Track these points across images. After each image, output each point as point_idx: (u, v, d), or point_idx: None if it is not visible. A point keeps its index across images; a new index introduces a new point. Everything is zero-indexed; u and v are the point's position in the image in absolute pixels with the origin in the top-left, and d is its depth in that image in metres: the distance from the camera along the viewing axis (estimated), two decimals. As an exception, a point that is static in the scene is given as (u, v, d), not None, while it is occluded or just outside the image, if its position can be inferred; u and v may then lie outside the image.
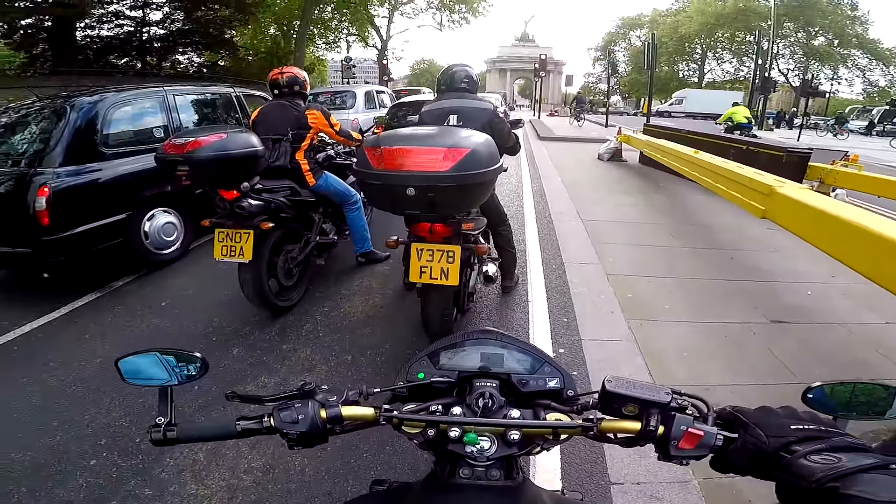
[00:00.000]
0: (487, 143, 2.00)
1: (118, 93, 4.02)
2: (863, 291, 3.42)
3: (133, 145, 3.93)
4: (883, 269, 2.18)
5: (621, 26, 53.18)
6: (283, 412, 0.65)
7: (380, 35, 30.19)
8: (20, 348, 2.93)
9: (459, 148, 1.88)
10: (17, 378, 2.60)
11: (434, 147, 1.90)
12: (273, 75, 3.38)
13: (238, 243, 2.72)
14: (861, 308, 3.37)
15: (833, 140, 19.66)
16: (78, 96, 3.83)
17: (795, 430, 0.55)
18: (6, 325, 3.17)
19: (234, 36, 23.04)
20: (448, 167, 1.85)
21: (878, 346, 2.90)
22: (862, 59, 40.26)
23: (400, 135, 2.07)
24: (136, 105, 4.13)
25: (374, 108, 10.06)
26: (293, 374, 2.56)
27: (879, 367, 2.68)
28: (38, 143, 3.60)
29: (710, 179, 4.85)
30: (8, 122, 3.95)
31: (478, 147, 1.93)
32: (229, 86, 5.62)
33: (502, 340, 0.74)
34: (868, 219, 2.45)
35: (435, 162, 1.85)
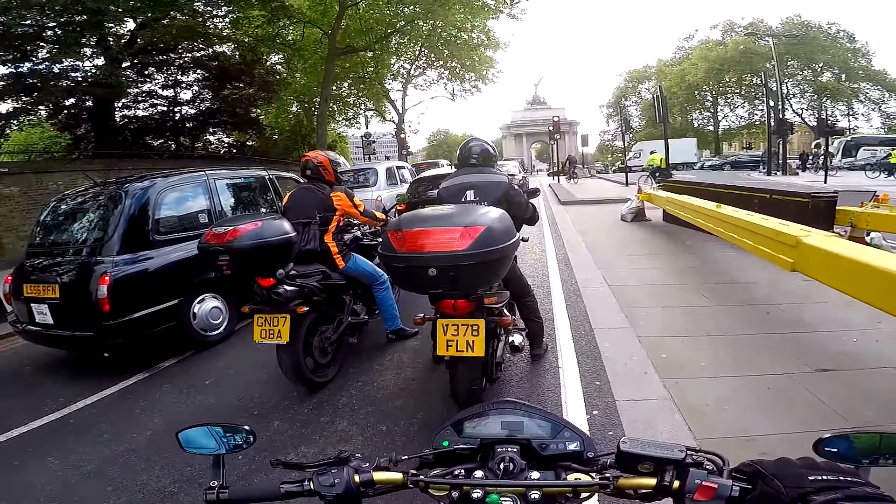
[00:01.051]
0: (503, 219, 2.10)
1: (165, 178, 4.30)
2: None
3: (180, 231, 4.20)
4: None
5: (629, 80, 54.06)
6: (321, 476, 0.73)
7: (396, 109, 31.31)
8: (76, 422, 3.16)
9: (476, 226, 1.97)
10: (73, 447, 2.79)
11: (452, 227, 1.98)
12: (303, 159, 3.62)
13: (276, 326, 2.87)
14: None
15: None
16: (130, 182, 4.12)
17: (813, 481, 0.55)
18: (62, 400, 3.44)
19: (260, 115, 24.44)
20: (466, 245, 1.93)
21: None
22: (874, 92, 39.90)
23: (420, 216, 2.18)
24: (181, 190, 4.38)
25: (395, 185, 10.17)
26: (330, 445, 2.62)
27: None
28: (97, 231, 3.91)
29: (735, 234, 4.72)
30: (67, 210, 4.27)
31: (493, 224, 2.02)
32: (264, 168, 5.96)
33: (523, 409, 0.80)
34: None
35: (453, 242, 1.94)
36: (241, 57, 20.54)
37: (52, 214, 4.34)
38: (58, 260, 3.90)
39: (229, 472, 0.82)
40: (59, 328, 3.74)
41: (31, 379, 4.02)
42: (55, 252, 4.00)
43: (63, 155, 15.31)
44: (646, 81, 52.48)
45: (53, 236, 4.19)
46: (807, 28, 39.76)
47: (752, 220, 4.34)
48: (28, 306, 3.86)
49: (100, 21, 13.44)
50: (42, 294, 3.77)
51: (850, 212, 5.72)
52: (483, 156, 3.14)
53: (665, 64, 50.33)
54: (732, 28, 43.90)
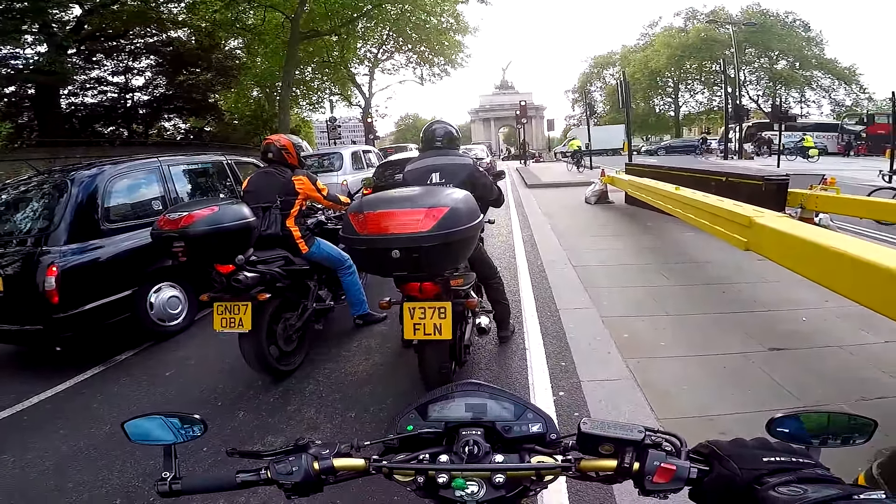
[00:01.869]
0: (467, 200, 2.09)
1: (115, 165, 4.10)
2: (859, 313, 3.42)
3: (133, 219, 4.01)
4: (872, 294, 2.18)
5: (594, 66, 54.49)
6: (278, 465, 0.71)
7: (362, 93, 30.81)
8: (29, 418, 3.01)
9: (439, 207, 1.95)
10: (28, 444, 2.67)
11: (415, 208, 1.96)
12: (264, 142, 3.54)
13: (237, 315, 2.78)
14: (859, 329, 3.41)
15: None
16: (76, 170, 3.91)
17: (767, 463, 0.56)
18: (14, 397, 3.27)
19: (219, 100, 23.60)
20: (430, 226, 1.91)
21: (881, 364, 2.92)
22: (825, 80, 41.44)
23: (382, 198, 2.13)
24: (133, 177, 4.19)
25: (361, 169, 10.09)
26: (298, 434, 2.58)
27: (885, 385, 2.71)
28: (42, 221, 3.69)
29: (693, 215, 4.93)
30: (9, 199, 4.03)
31: (457, 204, 2.00)
32: (221, 154, 5.74)
33: (486, 391, 0.79)
34: (849, 244, 2.48)
35: (416, 223, 1.92)
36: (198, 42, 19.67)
37: (-9, 206, 4.07)
38: (0, 251, 3.67)
39: (193, 466, 0.79)
40: (5, 322, 3.54)
41: (-23, 376, 3.78)
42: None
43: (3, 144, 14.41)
44: (610, 67, 53.09)
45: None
46: (765, 17, 40.76)
47: (708, 202, 4.52)
48: (-30, 299, 3.61)
49: (42, 8, 12.74)
50: (-15, 287, 3.53)
51: (800, 194, 6.05)
52: (447, 138, 3.13)
53: (629, 50, 50.77)
54: (695, 15, 44.65)
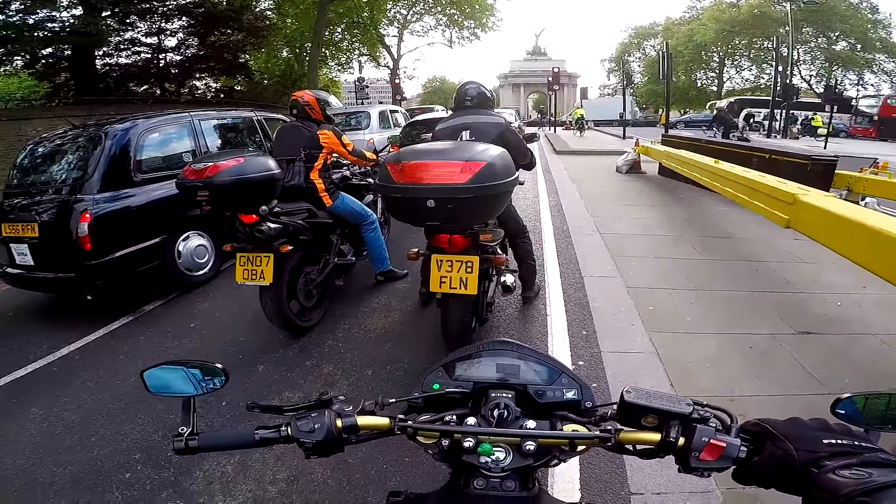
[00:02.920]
0: (503, 156, 2.10)
1: (147, 120, 4.20)
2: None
3: (164, 170, 4.09)
4: None
5: (634, 36, 52.38)
6: (300, 422, 0.67)
7: (391, 54, 30.53)
8: (59, 370, 3.10)
9: (476, 161, 1.98)
10: (56, 397, 2.74)
11: (452, 161, 1.99)
12: (291, 98, 3.54)
13: (259, 267, 2.79)
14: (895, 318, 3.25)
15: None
16: (110, 124, 4.00)
17: (827, 445, 0.53)
18: (46, 347, 3.36)
19: (249, 60, 23.67)
20: (466, 179, 1.94)
21: (914, 355, 2.77)
22: (888, 64, 39.13)
23: (419, 150, 2.17)
24: (164, 131, 4.30)
25: (388, 128, 10.15)
26: (316, 389, 2.61)
27: None
28: (76, 171, 3.78)
29: (732, 189, 4.74)
30: (45, 152, 4.15)
31: (494, 160, 2.02)
32: (251, 110, 5.80)
33: (519, 351, 0.74)
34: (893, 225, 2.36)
35: (453, 175, 1.95)
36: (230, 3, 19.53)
37: (29, 157, 4.19)
38: (37, 199, 3.77)
39: (213, 420, 0.76)
40: (40, 270, 3.65)
41: (14, 325, 3.92)
42: (33, 192, 3.87)
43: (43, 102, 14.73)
44: (651, 39, 50.82)
45: (32, 177, 4.05)
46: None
47: (749, 177, 4.34)
48: (7, 247, 3.75)
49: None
50: (21, 233, 3.66)
51: (848, 176, 5.79)
52: (479, 98, 3.09)
53: (673, 22, 48.43)
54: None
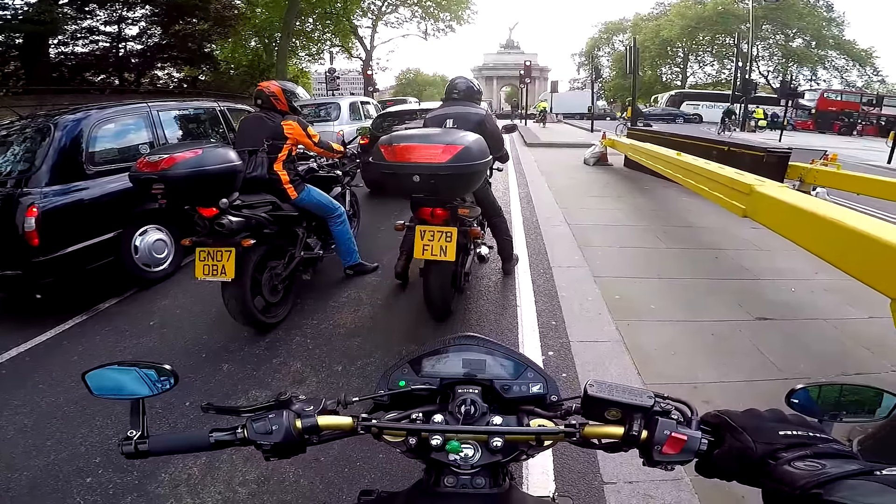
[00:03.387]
0: (479, 142, 2.55)
1: (101, 110, 3.99)
2: (845, 287, 3.46)
3: (119, 162, 3.90)
4: (863, 266, 2.21)
5: (604, 31, 53.59)
6: (256, 423, 0.64)
7: (364, 46, 30.17)
8: (8, 372, 2.92)
9: (455, 145, 2.43)
10: (8, 400, 2.59)
11: (435, 144, 2.45)
12: (258, 87, 3.45)
13: (220, 262, 2.70)
14: (844, 303, 3.43)
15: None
16: (61, 115, 3.79)
17: (784, 437, 0.54)
18: None
19: (214, 50, 22.92)
20: (446, 159, 2.39)
21: (863, 340, 2.94)
22: (839, 60, 41.05)
23: (408, 134, 2.64)
24: (119, 122, 4.09)
25: (359, 119, 9.96)
26: (284, 387, 2.56)
27: (865, 362, 2.73)
28: (23, 164, 3.57)
29: (693, 181, 4.93)
30: (-11, 145, 3.90)
31: (470, 144, 2.47)
32: (214, 100, 5.59)
33: (485, 346, 0.74)
34: (846, 215, 2.48)
35: (436, 155, 2.40)
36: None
37: (-29, 151, 3.92)
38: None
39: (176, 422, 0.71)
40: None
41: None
42: (-24, 187, 3.62)
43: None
44: (620, 34, 52.10)
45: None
46: (789, -7, 39.75)
47: (709, 168, 4.53)
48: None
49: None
50: (-37, 230, 3.43)
51: (800, 168, 6.14)
52: (466, 92, 3.54)
53: (641, 18, 49.92)
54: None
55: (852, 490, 0.42)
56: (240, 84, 22.26)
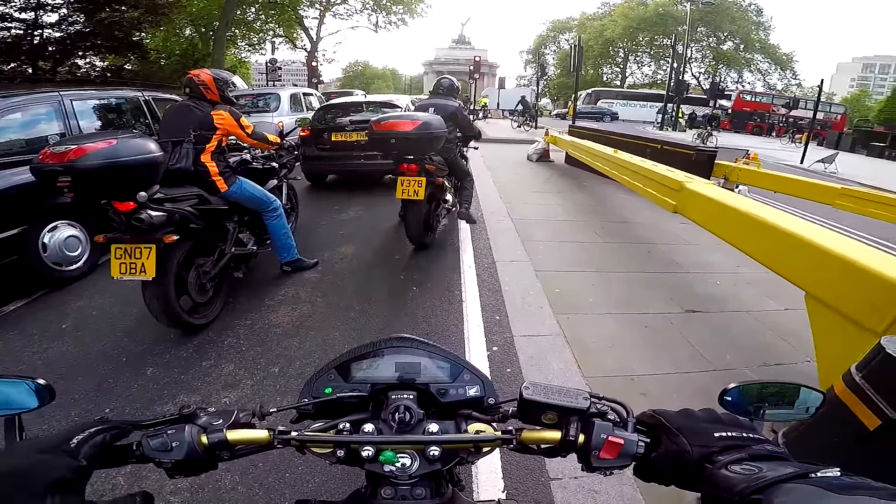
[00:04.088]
0: (437, 120, 3.87)
1: (4, 98, 3.63)
2: (764, 280, 3.71)
3: (25, 154, 3.51)
4: (781, 260, 2.33)
5: (552, 29, 54.84)
6: (153, 440, 0.58)
7: (309, 37, 29.29)
8: None
9: (418, 120, 3.77)
10: None
11: (406, 120, 3.80)
12: (187, 75, 3.25)
13: (139, 259, 2.50)
14: (763, 295, 3.68)
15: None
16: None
17: (718, 439, 0.54)
18: None
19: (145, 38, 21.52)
20: (411, 128, 3.69)
21: (781, 331, 3.16)
22: (763, 63, 44.30)
23: (392, 114, 4.46)
24: (26, 112, 3.75)
25: (300, 111, 9.65)
26: (215, 392, 2.41)
27: (783, 352, 2.92)
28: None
29: (628, 177, 5.13)
30: None
31: (429, 120, 3.81)
32: (138, 89, 5.22)
33: (420, 347, 0.70)
34: (766, 212, 2.62)
35: (405, 126, 3.71)
36: (126, -22, 17.39)
37: None
38: None
39: None
40: None
41: None
42: None
43: None
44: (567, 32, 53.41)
45: None
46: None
47: (644, 166, 4.70)
48: None
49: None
50: None
51: (725, 166, 6.57)
52: (448, 89, 4.87)
53: (587, 17, 51.48)
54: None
55: (790, 494, 0.42)
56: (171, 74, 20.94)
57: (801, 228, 2.28)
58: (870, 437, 1.14)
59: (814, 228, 2.28)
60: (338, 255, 4.32)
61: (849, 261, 1.85)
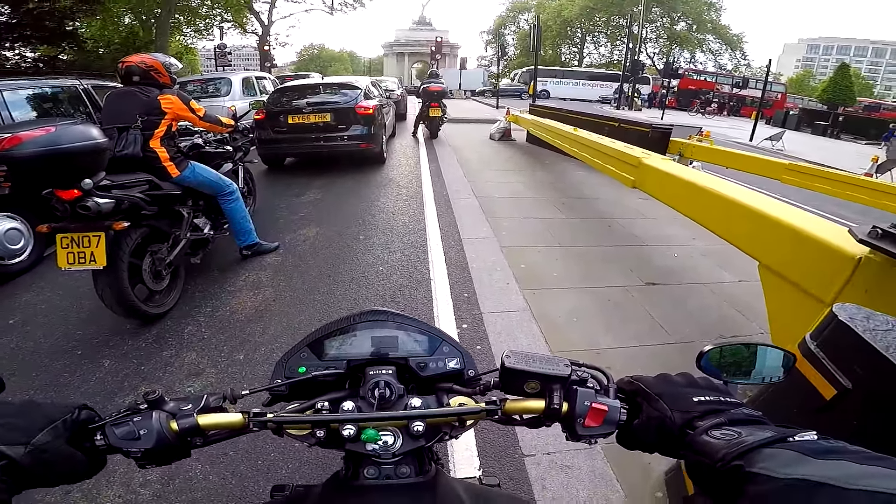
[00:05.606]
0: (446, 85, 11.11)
1: None
2: (718, 251, 3.91)
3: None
4: (737, 232, 2.40)
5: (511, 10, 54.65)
6: (118, 428, 0.54)
7: (260, 21, 28.28)
8: None
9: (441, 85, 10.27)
10: None
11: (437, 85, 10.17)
12: (122, 65, 3.01)
13: (87, 248, 2.38)
14: (718, 267, 3.84)
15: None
16: None
17: (698, 403, 0.53)
18: None
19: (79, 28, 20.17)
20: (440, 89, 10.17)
21: (735, 303, 3.30)
22: (714, 44, 45.68)
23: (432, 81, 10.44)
24: None
25: (253, 95, 9.38)
26: (178, 382, 2.34)
27: (739, 324, 3.05)
28: None
29: (588, 154, 5.22)
30: None
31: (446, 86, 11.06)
32: (75, 78, 4.94)
33: (395, 320, 0.67)
34: (722, 185, 2.71)
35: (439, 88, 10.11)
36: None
37: None
38: None
39: None
40: None
41: None
42: None
43: None
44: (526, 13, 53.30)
45: None
46: (677, -23, 42.91)
47: (603, 143, 4.79)
48: None
49: None
50: None
51: (679, 143, 6.74)
52: (437, 75, 10.48)
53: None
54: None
55: (771, 459, 0.42)
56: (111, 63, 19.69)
57: (753, 200, 2.34)
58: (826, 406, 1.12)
59: (766, 200, 2.34)
60: (300, 238, 4.23)
61: (799, 230, 1.89)
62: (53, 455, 0.49)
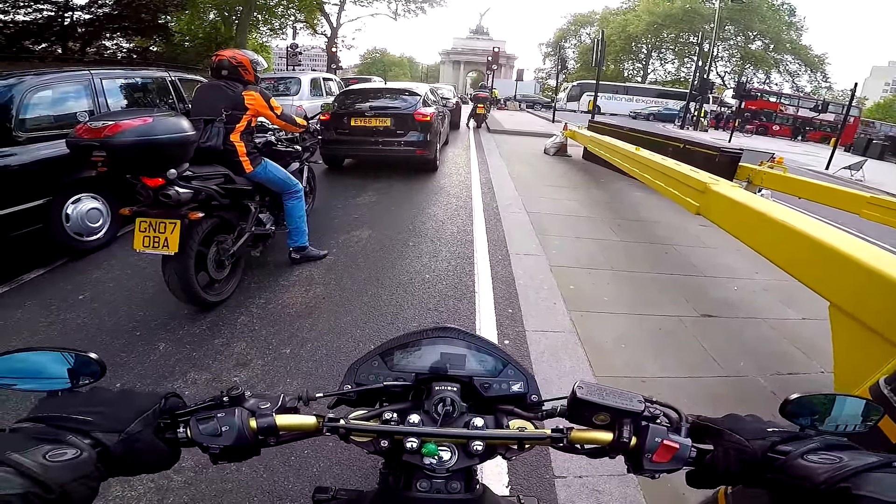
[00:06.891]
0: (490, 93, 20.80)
1: (38, 76, 3.70)
2: (782, 287, 3.65)
3: (54, 129, 3.62)
4: (808, 269, 2.26)
5: (573, 23, 54.00)
6: (203, 424, 0.56)
7: (329, 23, 29.50)
8: None
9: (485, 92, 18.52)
10: None
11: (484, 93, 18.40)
12: (215, 58, 3.21)
13: (163, 234, 2.53)
14: (781, 303, 3.60)
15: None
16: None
17: (772, 432, 0.53)
18: None
19: (170, 21, 21.76)
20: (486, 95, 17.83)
21: (796, 340, 3.09)
22: (792, 65, 43.18)
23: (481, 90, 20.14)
24: (57, 89, 3.82)
25: (320, 96, 9.75)
26: (226, 371, 2.42)
27: (797, 362, 2.86)
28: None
29: (649, 176, 5.02)
30: None
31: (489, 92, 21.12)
32: (164, 69, 5.29)
33: (464, 339, 0.69)
34: (790, 216, 2.54)
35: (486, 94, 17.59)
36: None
37: None
38: None
39: None
40: None
41: None
42: None
43: None
44: (588, 26, 52.59)
45: None
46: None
47: (666, 164, 4.59)
48: None
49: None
50: None
51: (749, 169, 6.33)
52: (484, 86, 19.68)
53: (610, 12, 50.53)
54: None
55: (878, 483, 0.41)
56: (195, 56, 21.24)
57: (829, 236, 2.20)
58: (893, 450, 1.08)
59: (840, 235, 2.20)
60: (353, 239, 4.33)
61: (876, 271, 1.79)
62: (142, 444, 0.51)
